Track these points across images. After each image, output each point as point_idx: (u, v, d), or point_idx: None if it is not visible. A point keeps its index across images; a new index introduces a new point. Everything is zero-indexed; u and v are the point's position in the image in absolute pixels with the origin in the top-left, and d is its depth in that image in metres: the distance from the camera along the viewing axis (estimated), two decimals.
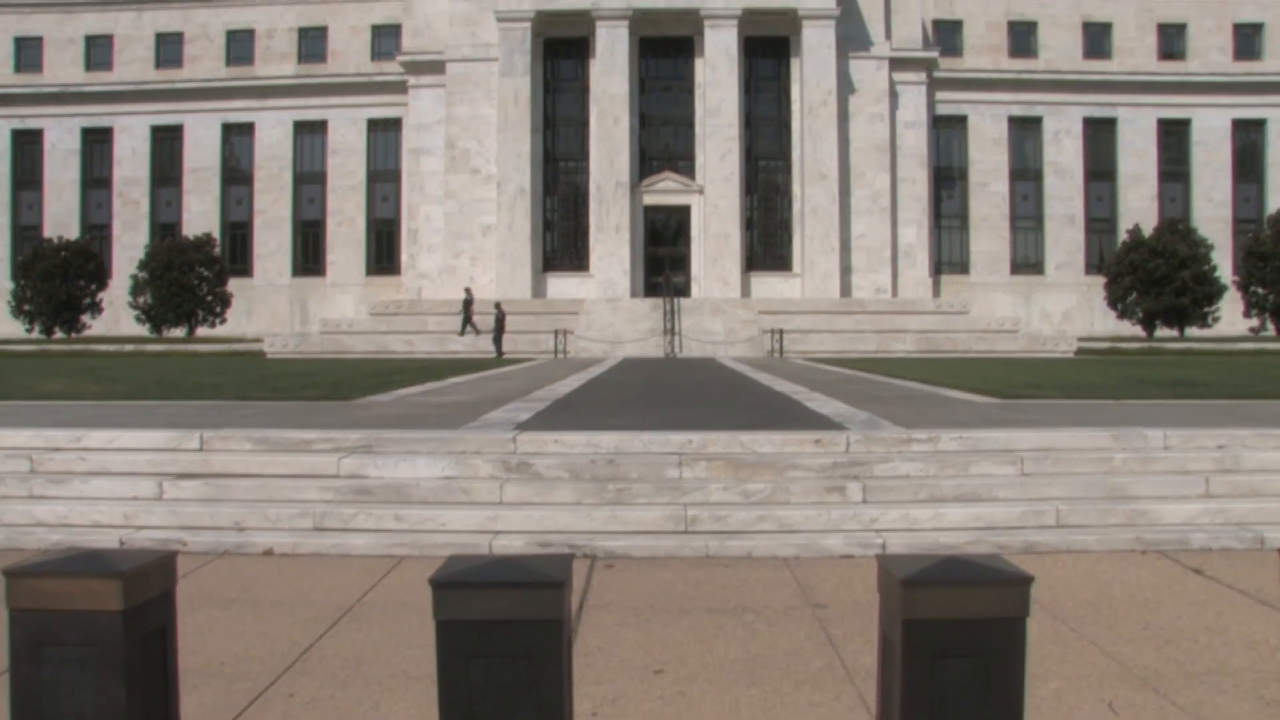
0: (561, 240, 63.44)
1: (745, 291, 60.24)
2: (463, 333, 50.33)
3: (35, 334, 60.06)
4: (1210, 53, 67.34)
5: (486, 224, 61.73)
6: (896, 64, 62.91)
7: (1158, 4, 67.58)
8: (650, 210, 62.30)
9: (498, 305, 48.65)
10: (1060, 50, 67.16)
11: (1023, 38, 67.40)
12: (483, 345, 49.64)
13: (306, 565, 9.60)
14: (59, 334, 59.51)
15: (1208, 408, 16.02)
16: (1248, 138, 67.53)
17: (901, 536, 10.14)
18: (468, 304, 50.47)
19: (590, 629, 7.53)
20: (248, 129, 68.28)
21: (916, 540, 10.07)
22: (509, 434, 12.10)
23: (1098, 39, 67.50)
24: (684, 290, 60.27)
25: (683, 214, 62.44)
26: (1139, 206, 65.73)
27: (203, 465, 11.63)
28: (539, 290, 60.99)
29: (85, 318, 60.52)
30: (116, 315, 63.18)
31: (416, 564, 9.38)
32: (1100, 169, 67.17)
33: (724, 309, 54.28)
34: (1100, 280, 61.26)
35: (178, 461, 11.69)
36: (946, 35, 66.69)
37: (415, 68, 63.91)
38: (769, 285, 61.50)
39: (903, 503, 10.72)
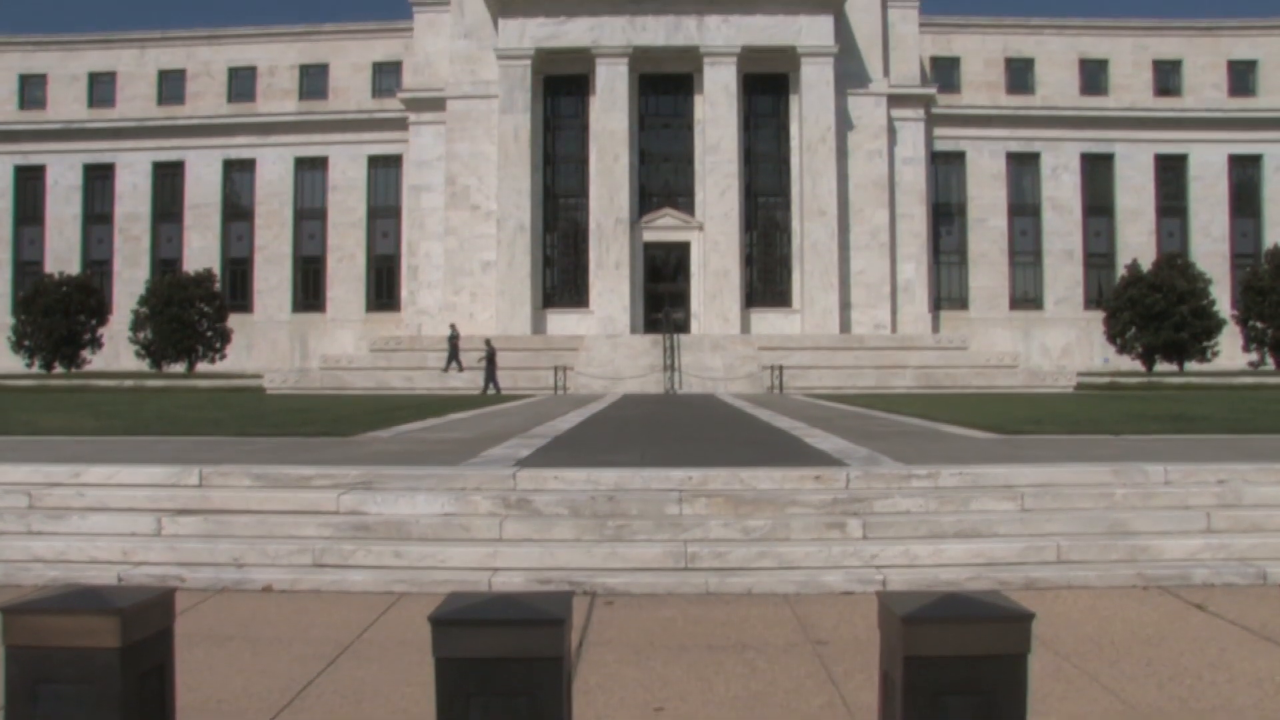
0: (561, 276, 63.52)
1: (745, 328, 60.27)
2: (447, 369, 50.71)
3: (35, 369, 60.08)
4: (1205, 89, 67.81)
5: (486, 260, 61.84)
6: (895, 100, 63.21)
7: (1153, 41, 68.13)
8: (650, 246, 62.41)
9: (487, 342, 48.38)
10: (1057, 87, 67.62)
11: (1020, 74, 67.88)
12: (481, 381, 49.60)
13: (306, 602, 9.56)
14: (59, 369, 59.53)
15: (1208, 442, 16.02)
16: (1244, 173, 67.85)
17: (902, 573, 10.10)
18: (453, 340, 50.73)
19: (590, 666, 7.50)
20: (249, 165, 68.60)
21: (917, 577, 10.03)
22: (509, 470, 12.08)
23: (1094, 75, 67.98)
24: (684, 326, 60.24)
25: (682, 250, 62.56)
26: (1137, 241, 65.95)
27: (202, 501, 11.61)
28: (539, 327, 61.01)
29: (85, 353, 60.57)
30: (116, 350, 63.23)
31: (416, 601, 9.34)
32: (1098, 204, 67.44)
33: (724, 345, 54.31)
34: (1099, 315, 61.38)
35: (176, 498, 11.67)
36: (944, 72, 67.15)
37: (416, 105, 64.21)
38: (769, 321, 61.54)
39: (903, 539, 10.69)
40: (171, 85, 69.72)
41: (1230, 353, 59.45)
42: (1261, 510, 11.43)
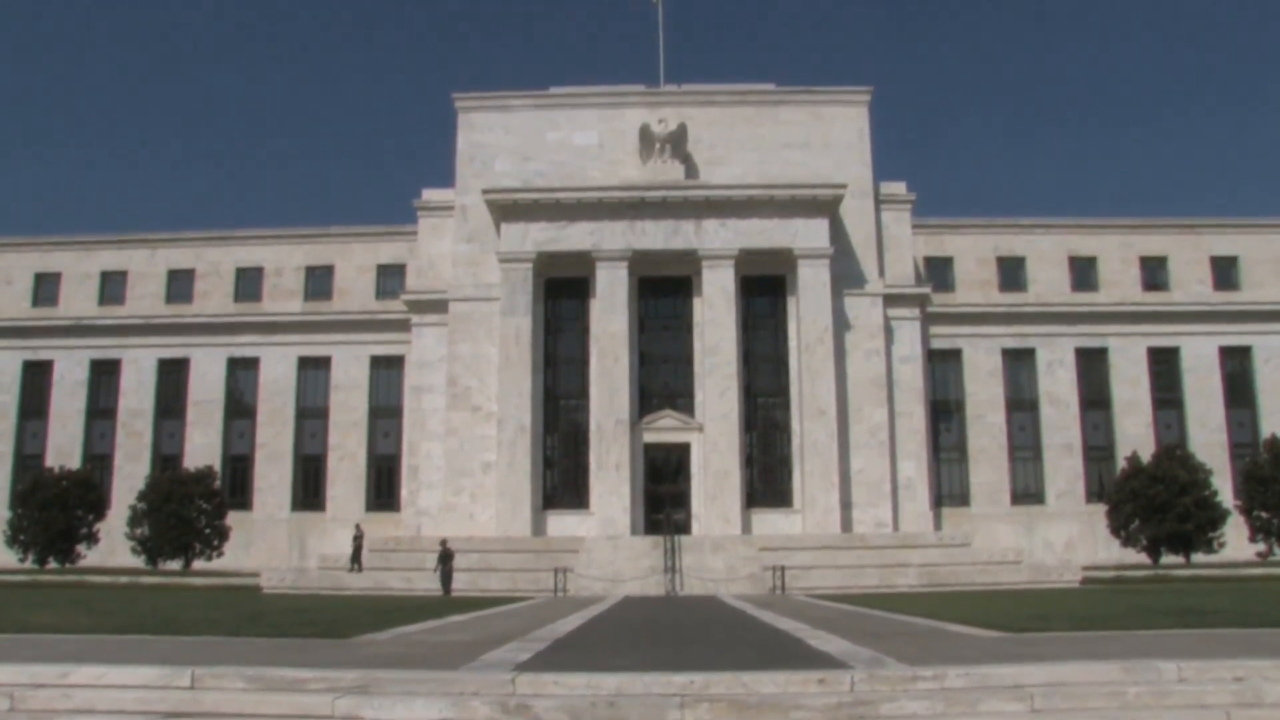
0: (562, 477, 63.39)
1: (746, 528, 59.85)
2: (351, 569, 50.58)
3: (29, 564, 59.49)
4: (1192, 284, 69.25)
5: (487, 461, 61.85)
6: (890, 300, 64.27)
7: (1138, 239, 69.87)
8: (650, 448, 62.49)
9: (443, 543, 48.02)
10: (1049, 283, 68.99)
11: (1012, 272, 69.33)
12: (482, 583, 49.02)
13: None
14: (53, 564, 58.95)
15: (1221, 637, 15.76)
16: (1236, 364, 68.60)
17: None
18: (357, 539, 53.37)
19: None
20: (253, 363, 69.38)
21: None
22: (508, 675, 11.86)
23: (1084, 272, 69.47)
24: (684, 527, 59.80)
25: (682, 451, 62.61)
26: (1135, 433, 66.19)
27: (194, 704, 11.36)
28: (539, 528, 60.57)
29: (81, 548, 60.15)
30: (113, 546, 62.74)
31: None
32: (1095, 397, 67.92)
33: (725, 546, 53.95)
34: (1102, 508, 61.21)
35: (168, 699, 11.43)
36: (938, 271, 68.61)
37: (418, 306, 65.26)
38: (769, 521, 61.12)
39: None
40: (180, 284, 71.22)
41: (1237, 543, 59.01)
42: None
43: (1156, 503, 56.01)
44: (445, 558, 46.54)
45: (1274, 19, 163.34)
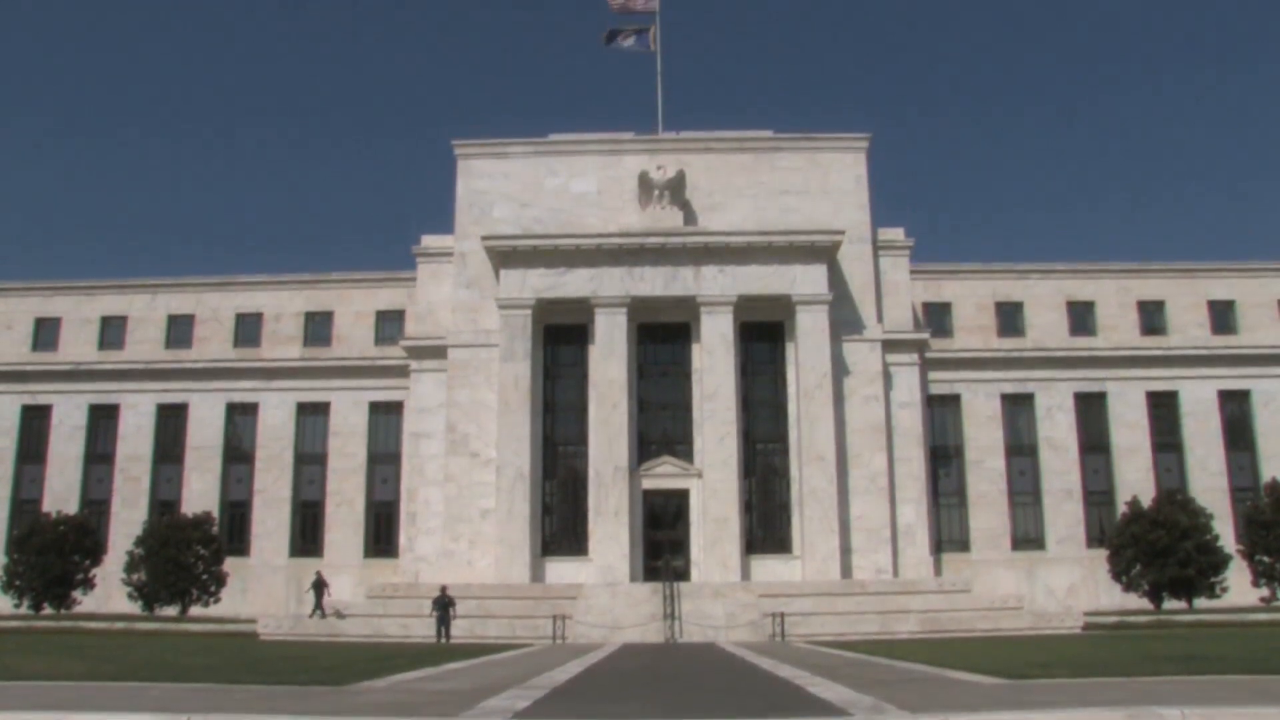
0: (560, 524, 63.13)
1: (745, 574, 59.57)
2: (312, 614, 50.62)
3: (24, 609, 59.11)
4: (1190, 328, 69.37)
5: (485, 508, 61.64)
6: (889, 346, 64.30)
7: (1135, 283, 70.06)
8: (649, 494, 62.30)
9: (442, 589, 47.85)
10: (1047, 328, 69.12)
11: (1010, 317, 69.47)
12: (480, 630, 48.80)
13: None
14: (48, 610, 58.59)
15: (1226, 684, 15.64)
16: (1235, 408, 68.53)
17: None
18: (316, 585, 53.93)
19: None
20: (251, 409, 69.31)
21: None
22: None
23: (1082, 317, 69.63)
24: (684, 574, 59.50)
25: (681, 498, 62.41)
26: (1135, 478, 66.04)
27: None
28: (538, 574, 60.29)
29: (77, 594, 59.83)
30: (109, 592, 62.46)
31: None
32: (1094, 442, 67.81)
33: (724, 593, 53.69)
34: (1102, 553, 60.93)
35: None
36: (936, 316, 68.76)
37: (417, 353, 65.28)
38: (769, 568, 60.85)
39: None
40: (179, 329, 71.34)
41: (1240, 588, 58.67)
42: None
43: (1158, 548, 55.81)
44: (443, 604, 46.31)
45: (1268, 68, 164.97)
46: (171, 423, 69.65)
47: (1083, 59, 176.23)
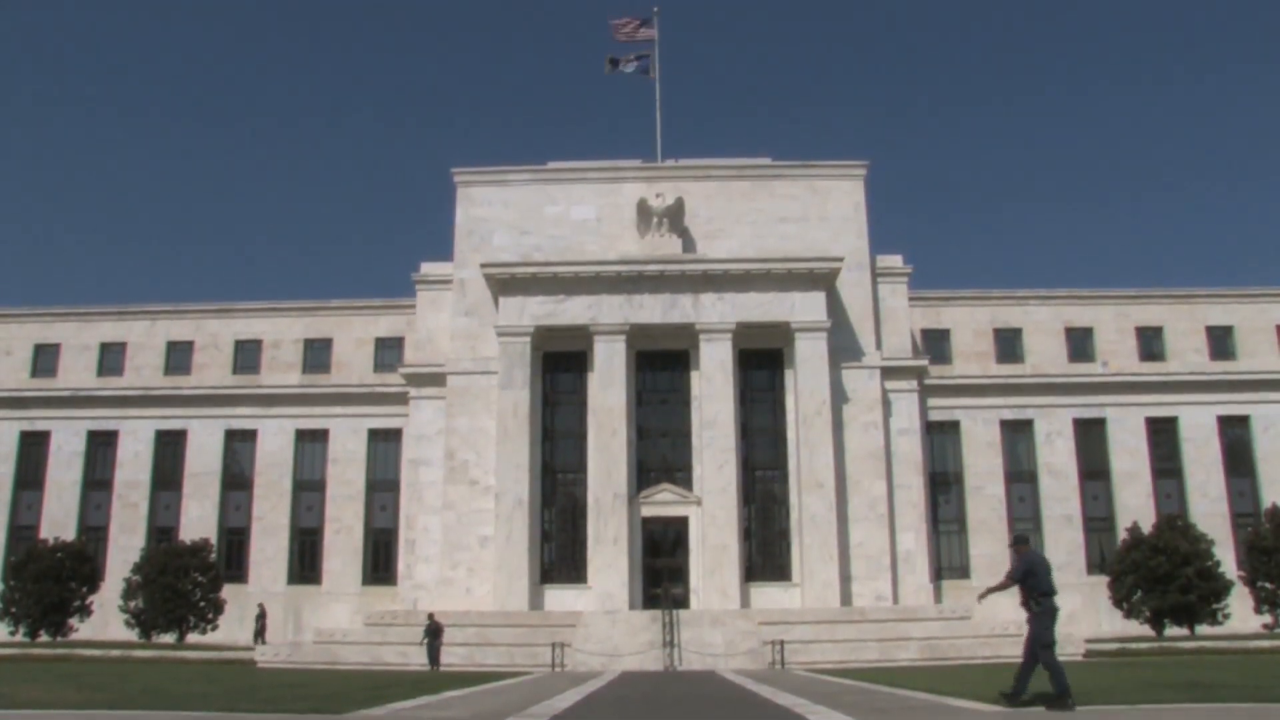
0: (559, 551, 63.14)
1: (745, 602, 59.58)
2: (255, 643, 50.67)
3: (19, 636, 59.07)
4: (1188, 353, 69.39)
5: (484, 535, 61.63)
6: (888, 373, 64.32)
7: (1134, 309, 70.07)
8: (648, 521, 62.31)
9: (430, 616, 48.01)
10: (1046, 355, 69.11)
11: (1009, 344, 69.49)
12: (479, 658, 48.82)
13: None
14: (44, 637, 58.54)
15: (1230, 712, 15.56)
16: (1235, 433, 68.49)
17: None
18: (259, 618, 55.14)
19: None
20: (250, 435, 69.28)
21: None
22: None
23: (1081, 343, 69.63)
24: (683, 602, 59.58)
25: (680, 525, 62.40)
26: (1135, 504, 66.00)
27: None
28: (536, 602, 60.30)
29: (73, 621, 59.75)
30: (106, 619, 62.37)
31: None
32: (1093, 468, 67.77)
33: (724, 620, 53.69)
34: (1103, 580, 60.83)
35: None
36: (935, 343, 68.76)
37: (417, 380, 65.26)
38: (768, 595, 60.89)
39: None
40: (179, 356, 71.30)
41: (1242, 614, 58.55)
42: None
43: (1158, 574, 55.68)
44: (433, 632, 46.34)
45: (1267, 94, 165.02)
46: (170, 449, 69.57)
47: (1082, 84, 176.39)
